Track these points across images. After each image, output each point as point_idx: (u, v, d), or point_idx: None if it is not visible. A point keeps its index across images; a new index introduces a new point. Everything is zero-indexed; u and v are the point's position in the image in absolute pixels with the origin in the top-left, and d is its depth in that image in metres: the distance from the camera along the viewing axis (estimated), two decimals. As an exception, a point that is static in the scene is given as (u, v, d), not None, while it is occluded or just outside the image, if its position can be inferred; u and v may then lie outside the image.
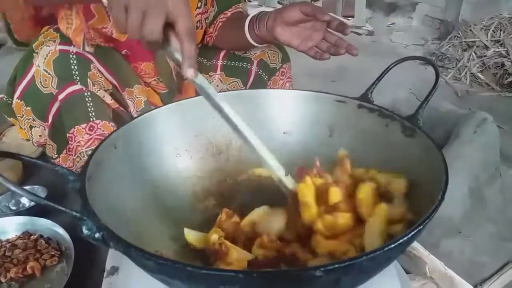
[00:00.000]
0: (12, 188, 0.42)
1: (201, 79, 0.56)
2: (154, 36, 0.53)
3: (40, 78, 0.83)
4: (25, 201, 1.12)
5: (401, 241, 0.40)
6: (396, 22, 3.14)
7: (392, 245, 0.39)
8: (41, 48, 0.84)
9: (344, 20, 2.87)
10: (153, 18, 0.52)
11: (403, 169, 0.60)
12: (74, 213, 0.41)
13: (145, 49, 0.69)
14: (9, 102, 0.93)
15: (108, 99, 0.86)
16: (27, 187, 1.13)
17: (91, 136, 0.83)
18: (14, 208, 1.11)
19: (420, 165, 0.56)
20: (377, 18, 3.24)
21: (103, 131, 0.84)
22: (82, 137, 0.84)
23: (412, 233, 0.41)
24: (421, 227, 0.41)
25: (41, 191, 1.12)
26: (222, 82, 1.09)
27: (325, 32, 0.85)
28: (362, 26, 2.93)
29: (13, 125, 1.42)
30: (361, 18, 2.97)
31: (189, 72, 0.53)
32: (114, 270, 0.72)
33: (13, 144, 1.37)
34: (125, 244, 0.39)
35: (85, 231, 0.41)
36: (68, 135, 0.84)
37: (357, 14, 2.98)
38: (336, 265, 0.36)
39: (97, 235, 0.41)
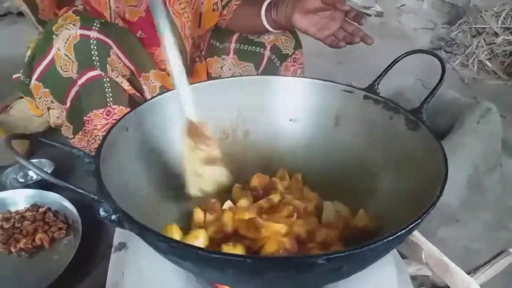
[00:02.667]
0: (26, 164, 0.43)
1: None
2: None
3: (60, 62, 0.84)
4: (33, 174, 1.14)
5: (400, 233, 0.42)
6: (407, 3, 3.08)
7: (391, 237, 0.41)
8: (61, 31, 0.84)
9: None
10: None
11: (405, 161, 0.61)
12: (92, 196, 0.43)
13: None
14: (27, 82, 0.94)
15: (126, 85, 0.87)
16: (34, 161, 1.15)
17: (107, 121, 0.85)
18: (22, 180, 1.13)
19: (421, 158, 0.58)
20: (387, -2, 3.19)
21: (120, 116, 0.84)
22: (99, 121, 0.85)
23: (411, 226, 0.43)
24: (420, 220, 0.43)
25: (48, 164, 1.14)
26: (234, 65, 1.09)
27: (343, 21, 0.85)
28: (372, 7, 2.88)
29: (21, 97, 1.44)
30: (371, -2, 2.92)
31: None
32: (122, 246, 0.74)
33: (20, 117, 1.38)
34: (139, 226, 0.41)
35: (102, 213, 0.43)
36: (85, 118, 0.86)
37: (367, -6, 2.93)
38: (338, 254, 0.39)
39: (113, 217, 0.43)
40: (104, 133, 0.83)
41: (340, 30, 0.85)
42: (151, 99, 0.67)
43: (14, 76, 1.01)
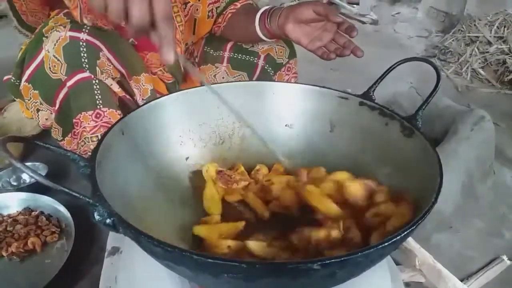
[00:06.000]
0: (22, 167, 0.42)
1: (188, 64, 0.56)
2: (138, 21, 0.51)
3: (49, 64, 0.84)
4: (26, 177, 1.13)
5: (394, 239, 0.42)
6: (401, 12, 3.12)
7: (386, 243, 0.41)
8: (51, 33, 0.84)
9: (348, 10, 2.85)
10: (136, 3, 0.50)
11: (399, 167, 0.62)
12: (87, 199, 0.42)
13: (130, 36, 0.67)
14: (17, 83, 0.94)
15: (115, 87, 0.87)
16: (28, 164, 1.14)
17: (97, 123, 0.85)
18: (15, 183, 1.13)
19: (416, 165, 0.58)
20: (382, 6, 3.22)
21: (110, 118, 0.85)
22: (88, 124, 0.85)
23: (405, 232, 0.43)
24: (414, 227, 0.44)
25: (42, 168, 1.14)
26: (228, 74, 1.09)
27: (335, 33, 0.86)
28: (367, 14, 2.91)
29: (14, 100, 1.43)
30: (366, 6, 2.94)
31: (168, 56, 0.53)
32: (115, 250, 0.74)
33: (14, 119, 1.37)
34: (135, 231, 0.41)
35: (96, 216, 0.42)
36: (74, 120, 0.86)
37: (362, 1, 2.96)
38: (333, 260, 0.39)
39: (108, 220, 0.43)
40: (93, 135, 0.85)
41: (332, 42, 0.86)
42: (147, 103, 0.67)
43: (5, 77, 1.01)
